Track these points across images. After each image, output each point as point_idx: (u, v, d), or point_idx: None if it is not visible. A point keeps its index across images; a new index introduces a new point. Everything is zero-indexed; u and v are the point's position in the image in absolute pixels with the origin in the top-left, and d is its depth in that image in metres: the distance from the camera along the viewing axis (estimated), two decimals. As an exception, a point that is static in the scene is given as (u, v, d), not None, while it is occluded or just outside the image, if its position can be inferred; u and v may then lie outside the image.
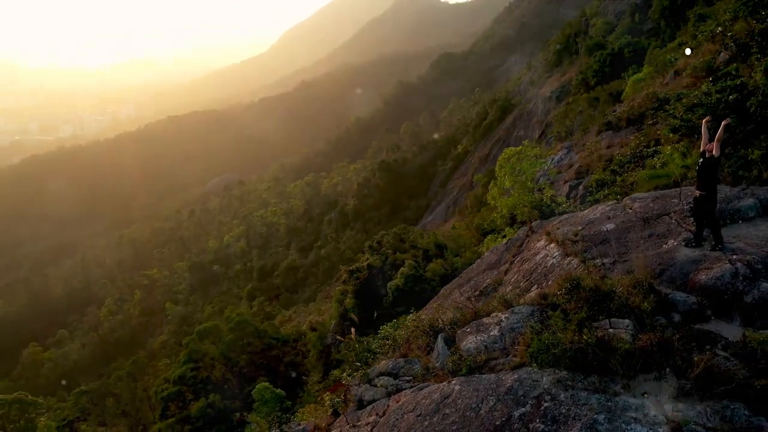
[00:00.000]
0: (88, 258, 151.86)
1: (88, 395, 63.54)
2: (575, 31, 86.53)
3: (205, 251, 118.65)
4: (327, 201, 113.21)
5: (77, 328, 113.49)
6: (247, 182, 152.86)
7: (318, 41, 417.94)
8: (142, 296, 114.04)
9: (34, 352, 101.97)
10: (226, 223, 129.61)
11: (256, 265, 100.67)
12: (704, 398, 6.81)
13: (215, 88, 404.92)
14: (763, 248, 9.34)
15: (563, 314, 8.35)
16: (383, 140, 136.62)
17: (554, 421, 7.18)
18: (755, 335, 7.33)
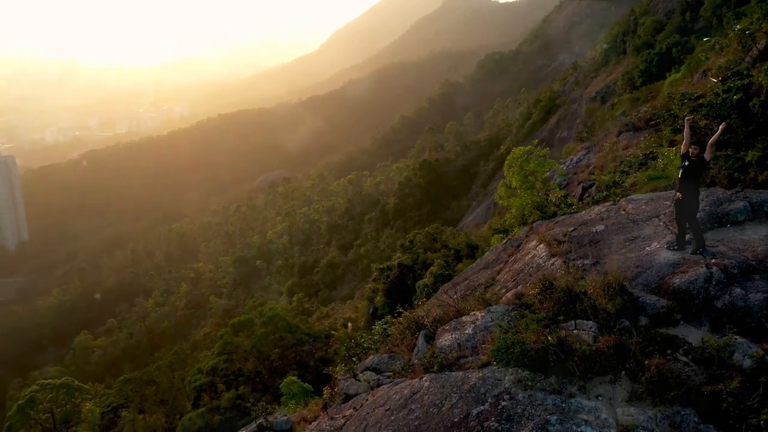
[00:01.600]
0: (138, 250, 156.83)
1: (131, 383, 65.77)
2: (623, 30, 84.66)
3: (249, 246, 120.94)
4: (369, 199, 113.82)
5: (126, 317, 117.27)
6: (292, 179, 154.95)
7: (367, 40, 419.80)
8: (188, 289, 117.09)
9: (85, 339, 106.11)
10: (270, 220, 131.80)
11: (297, 262, 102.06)
12: (657, 403, 6.70)
13: (265, 87, 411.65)
14: (744, 253, 9.07)
15: (534, 314, 8.32)
16: (426, 139, 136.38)
17: (509, 420, 7.20)
18: (713, 340, 7.16)
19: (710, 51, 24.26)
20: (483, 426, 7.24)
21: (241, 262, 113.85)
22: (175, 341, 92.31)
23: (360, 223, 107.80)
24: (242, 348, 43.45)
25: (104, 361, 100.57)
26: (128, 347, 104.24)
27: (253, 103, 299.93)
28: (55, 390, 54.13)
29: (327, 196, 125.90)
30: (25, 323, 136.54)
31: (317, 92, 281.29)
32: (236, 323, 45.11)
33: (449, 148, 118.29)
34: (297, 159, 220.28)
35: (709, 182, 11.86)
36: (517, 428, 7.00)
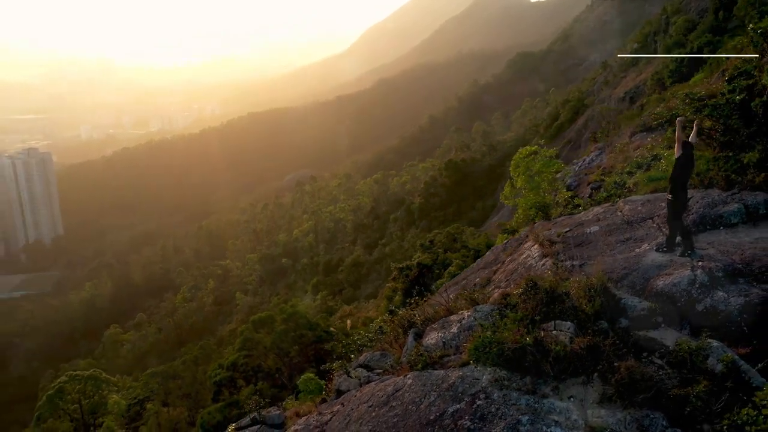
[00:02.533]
0: (168, 247, 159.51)
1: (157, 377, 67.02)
2: (654, 30, 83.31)
3: (275, 244, 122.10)
4: (394, 199, 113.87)
5: (155, 312, 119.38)
6: (319, 178, 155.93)
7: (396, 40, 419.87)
8: (215, 285, 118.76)
9: (114, 333, 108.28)
10: (296, 218, 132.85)
11: (322, 260, 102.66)
12: (627, 406, 6.67)
13: (295, 86, 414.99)
14: (732, 256, 8.94)
15: (515, 314, 8.32)
16: (453, 139, 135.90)
17: (482, 419, 7.23)
18: (685, 344, 7.09)
19: (732, 50, 23.79)
20: (456, 425, 7.29)
21: (267, 260, 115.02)
22: (202, 336, 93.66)
23: (385, 222, 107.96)
24: (262, 344, 43.94)
25: (133, 355, 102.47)
26: (156, 342, 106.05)
27: (283, 102, 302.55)
28: (83, 381, 55.31)
29: (353, 196, 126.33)
30: (59, 316, 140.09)
31: (346, 92, 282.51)
32: (257, 320, 45.65)
33: (475, 148, 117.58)
34: (325, 158, 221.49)
35: (707, 184, 11.68)
36: (489, 427, 7.03)
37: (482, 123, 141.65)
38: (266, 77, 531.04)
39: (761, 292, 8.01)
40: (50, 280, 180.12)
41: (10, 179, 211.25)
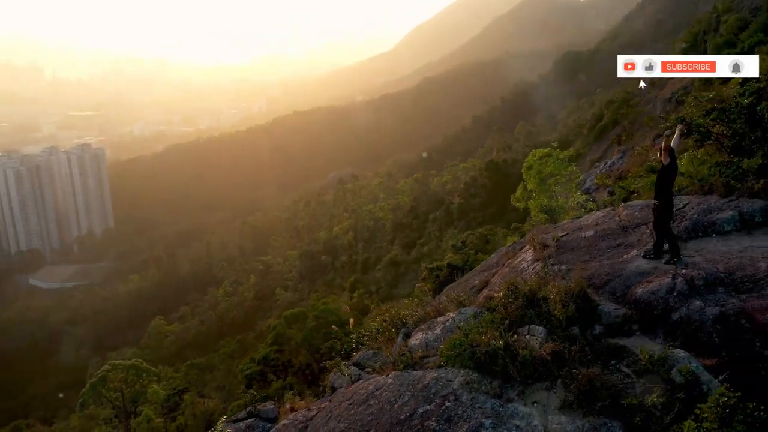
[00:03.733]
0: (212, 242, 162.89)
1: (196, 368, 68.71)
2: (704, 29, 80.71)
3: (315, 241, 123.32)
4: (434, 199, 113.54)
5: (198, 305, 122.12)
6: (360, 177, 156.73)
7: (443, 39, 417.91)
8: (257, 280, 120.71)
9: (159, 324, 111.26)
10: (337, 216, 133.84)
11: (360, 258, 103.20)
12: (587, 413, 6.65)
13: (341, 85, 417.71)
14: (717, 264, 8.74)
15: (493, 317, 8.35)
16: (495, 140, 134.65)
17: (448, 420, 7.32)
18: (647, 353, 6.99)
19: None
20: (423, 425, 7.39)
21: (307, 257, 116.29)
22: (243, 330, 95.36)
23: (424, 222, 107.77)
24: (294, 340, 44.54)
25: (176, 346, 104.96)
26: (199, 334, 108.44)
27: (329, 101, 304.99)
28: (125, 370, 57.12)
29: (393, 194, 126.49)
30: (107, 306, 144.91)
31: (391, 90, 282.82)
32: (289, 315, 46.33)
33: (518, 149, 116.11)
34: (369, 156, 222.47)
35: (707, 190, 11.38)
36: (454, 429, 7.12)
37: (526, 123, 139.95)
38: (313, 76, 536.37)
39: (738, 303, 7.83)
40: (100, 271, 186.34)
41: (65, 174, 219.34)
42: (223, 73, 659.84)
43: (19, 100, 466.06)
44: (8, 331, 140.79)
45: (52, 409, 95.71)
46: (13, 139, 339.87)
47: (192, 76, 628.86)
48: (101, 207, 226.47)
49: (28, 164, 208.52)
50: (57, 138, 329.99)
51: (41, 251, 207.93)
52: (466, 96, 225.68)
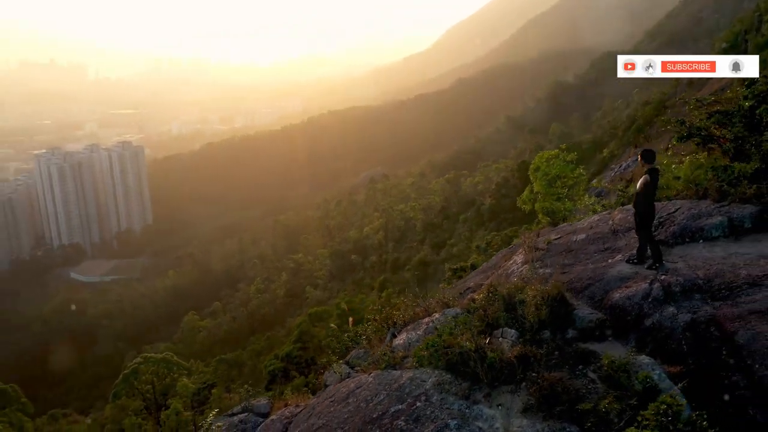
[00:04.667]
0: (246, 239, 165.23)
1: (225, 363, 69.86)
2: (745, 28, 78.63)
3: (346, 241, 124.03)
4: (466, 199, 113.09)
5: (230, 302, 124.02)
6: (392, 176, 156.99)
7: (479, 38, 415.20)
8: (288, 278, 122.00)
9: (192, 319, 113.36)
10: (368, 215, 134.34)
11: (390, 258, 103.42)
12: (547, 417, 6.69)
13: (376, 85, 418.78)
14: (698, 271, 8.65)
15: (470, 319, 8.43)
16: (528, 140, 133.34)
17: (416, 420, 7.44)
18: (610, 359, 6.99)
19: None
20: (393, 424, 7.53)
21: (337, 256, 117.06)
22: (273, 327, 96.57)
23: (455, 222, 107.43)
24: (317, 338, 44.96)
25: (209, 341, 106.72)
26: (230, 330, 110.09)
27: (364, 101, 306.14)
28: (157, 364, 58.43)
29: (425, 195, 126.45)
30: (144, 301, 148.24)
31: (426, 91, 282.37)
32: (314, 313, 46.78)
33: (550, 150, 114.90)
34: (402, 156, 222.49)
35: (702, 194, 11.22)
36: (419, 429, 7.23)
37: (560, 124, 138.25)
38: (349, 76, 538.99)
39: (711, 310, 7.76)
40: (138, 267, 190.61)
41: (106, 170, 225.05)
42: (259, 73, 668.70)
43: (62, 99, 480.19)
44: (49, 323, 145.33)
45: (89, 400, 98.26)
46: (56, 136, 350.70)
47: (229, 75, 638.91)
48: (140, 204, 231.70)
49: (70, 161, 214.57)
50: (98, 136, 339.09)
51: (82, 246, 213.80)
52: (500, 97, 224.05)
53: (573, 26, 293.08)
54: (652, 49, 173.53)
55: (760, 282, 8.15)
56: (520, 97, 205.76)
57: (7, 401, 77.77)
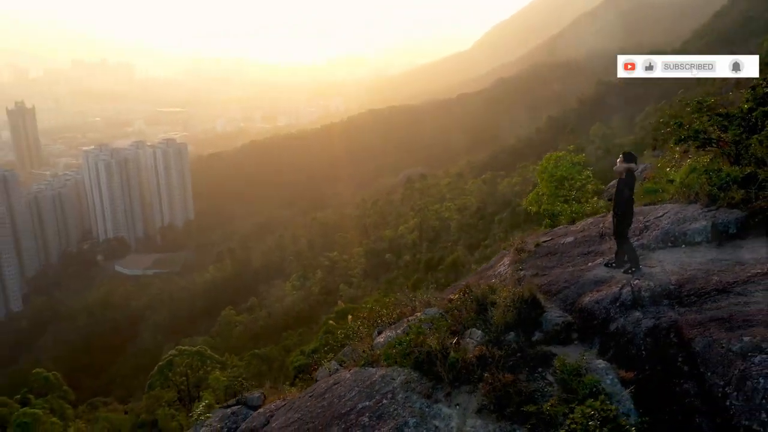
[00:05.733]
0: (284, 236, 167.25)
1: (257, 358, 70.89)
2: (795, 27, 75.89)
3: (381, 239, 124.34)
4: (502, 200, 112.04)
5: (266, 297, 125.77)
6: (429, 176, 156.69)
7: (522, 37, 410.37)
8: (323, 276, 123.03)
9: (229, 314, 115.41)
10: (403, 215, 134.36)
11: (423, 258, 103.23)
12: (500, 418, 6.73)
13: (417, 84, 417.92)
14: (672, 276, 8.52)
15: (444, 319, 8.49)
16: (568, 141, 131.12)
17: (379, 417, 7.56)
18: (562, 362, 6.96)
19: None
20: (357, 420, 7.67)
21: (372, 254, 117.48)
22: (307, 324, 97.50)
23: (490, 223, 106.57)
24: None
25: (245, 336, 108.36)
26: (266, 325, 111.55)
27: (404, 100, 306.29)
28: (191, 356, 59.76)
29: (460, 195, 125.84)
30: (184, 295, 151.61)
31: (466, 90, 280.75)
32: (340, 311, 47.14)
33: (591, 152, 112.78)
34: (441, 156, 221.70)
35: (692, 199, 10.96)
36: (380, 426, 7.35)
37: (602, 125, 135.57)
38: (389, 75, 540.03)
39: (675, 316, 7.64)
40: (180, 261, 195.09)
41: (151, 167, 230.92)
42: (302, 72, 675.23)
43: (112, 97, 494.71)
44: (94, 314, 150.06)
45: (130, 390, 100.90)
46: (105, 133, 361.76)
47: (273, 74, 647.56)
48: (183, 199, 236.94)
49: (117, 157, 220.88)
50: (145, 133, 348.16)
51: (126, 239, 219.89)
52: (541, 97, 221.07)
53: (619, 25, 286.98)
54: (698, 48, 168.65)
55: (729, 289, 7.97)
56: (562, 97, 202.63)
57: (49, 388, 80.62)
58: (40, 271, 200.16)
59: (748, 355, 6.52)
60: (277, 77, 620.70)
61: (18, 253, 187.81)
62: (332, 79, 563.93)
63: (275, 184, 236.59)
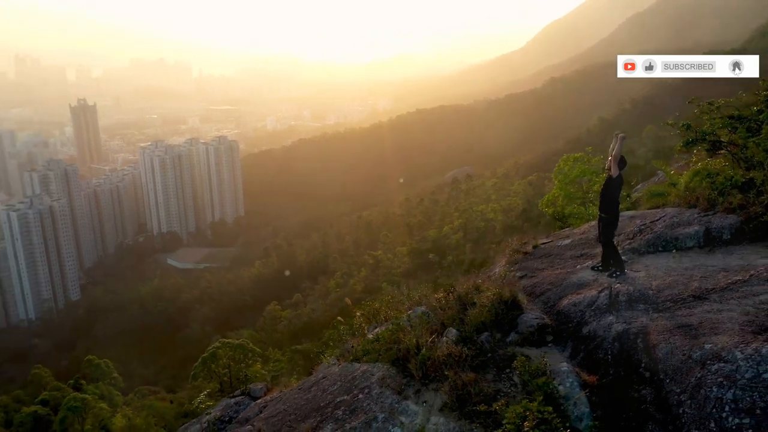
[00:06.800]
0: (330, 234, 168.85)
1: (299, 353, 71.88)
2: None
3: (424, 239, 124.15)
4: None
5: (310, 294, 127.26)
6: (476, 177, 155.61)
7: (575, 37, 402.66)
8: (366, 274, 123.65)
9: (273, 309, 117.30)
10: (448, 215, 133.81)
11: (466, 258, 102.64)
12: (460, 416, 6.79)
13: (466, 84, 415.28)
14: (654, 281, 8.38)
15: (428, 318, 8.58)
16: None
17: (352, 411, 7.74)
18: (522, 363, 6.95)
19: None
20: (332, 413, 7.86)
21: (415, 254, 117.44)
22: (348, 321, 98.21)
23: (536, 225, 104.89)
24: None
25: (288, 331, 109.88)
26: (309, 321, 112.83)
27: (453, 100, 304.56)
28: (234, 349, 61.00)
29: (506, 196, 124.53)
30: (231, 289, 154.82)
31: (518, 90, 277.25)
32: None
33: (641, 154, 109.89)
34: (489, 156, 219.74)
35: (692, 203, 10.64)
36: (351, 419, 7.53)
37: (654, 127, 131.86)
38: (440, 75, 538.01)
39: (646, 321, 7.53)
40: (229, 256, 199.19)
41: (203, 164, 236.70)
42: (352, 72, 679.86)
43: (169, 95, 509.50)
44: (146, 306, 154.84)
45: (177, 379, 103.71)
46: (162, 130, 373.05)
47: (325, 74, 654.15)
48: (233, 196, 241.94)
49: (171, 153, 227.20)
50: (199, 130, 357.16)
51: (179, 234, 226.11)
52: (593, 97, 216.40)
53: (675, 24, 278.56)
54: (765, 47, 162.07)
55: (706, 296, 7.78)
56: (615, 97, 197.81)
57: (100, 375, 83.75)
58: (97, 262, 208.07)
59: (706, 363, 6.39)
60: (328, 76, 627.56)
61: (77, 245, 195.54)
62: (383, 78, 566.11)
63: (323, 182, 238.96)
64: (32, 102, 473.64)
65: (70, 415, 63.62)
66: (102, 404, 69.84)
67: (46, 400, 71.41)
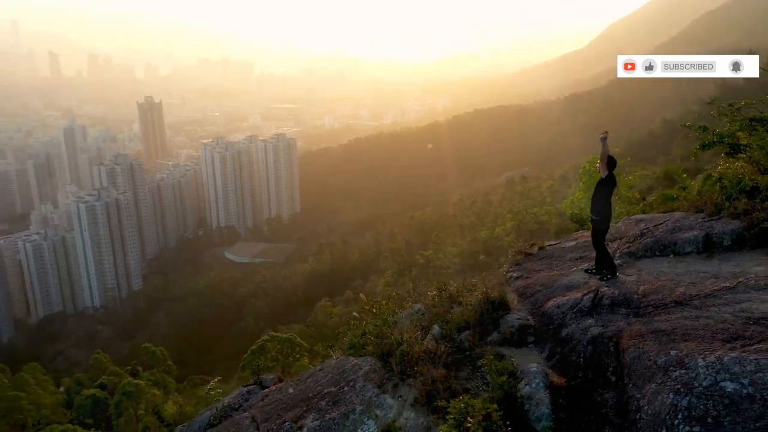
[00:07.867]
0: (383, 233, 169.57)
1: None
2: None
3: (476, 240, 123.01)
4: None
5: (360, 291, 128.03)
6: (532, 178, 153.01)
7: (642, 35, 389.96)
8: (416, 273, 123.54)
9: (325, 306, 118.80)
10: (501, 216, 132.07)
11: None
12: (430, 411, 6.88)
13: (527, 83, 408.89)
14: (642, 285, 8.23)
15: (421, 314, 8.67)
16: (680, 145, 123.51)
17: (335, 403, 7.95)
18: (488, 362, 6.94)
19: None
20: (316, 404, 8.10)
21: (466, 255, 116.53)
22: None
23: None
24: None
25: (338, 328, 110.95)
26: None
27: (513, 100, 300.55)
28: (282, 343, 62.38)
29: (562, 198, 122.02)
30: (285, 284, 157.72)
31: (579, 90, 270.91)
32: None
33: (706, 158, 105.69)
34: (548, 157, 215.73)
35: (699, 207, 10.27)
36: (332, 410, 7.74)
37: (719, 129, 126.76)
38: (500, 74, 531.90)
39: (623, 326, 7.41)
40: (284, 251, 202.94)
41: (262, 161, 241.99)
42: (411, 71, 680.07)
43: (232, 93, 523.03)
44: (203, 298, 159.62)
45: (230, 370, 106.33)
46: (223, 127, 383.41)
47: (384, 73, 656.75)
48: (290, 193, 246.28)
49: (231, 150, 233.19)
50: (260, 128, 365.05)
51: (236, 229, 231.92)
52: (659, 98, 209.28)
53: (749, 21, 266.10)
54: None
55: (688, 302, 7.55)
56: (681, 98, 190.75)
57: (155, 362, 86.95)
58: (158, 253, 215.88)
59: (669, 369, 6.23)
60: (387, 76, 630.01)
61: (140, 236, 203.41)
62: (441, 78, 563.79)
63: (379, 180, 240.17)
64: (104, 99, 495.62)
65: (124, 399, 66.61)
66: (155, 390, 72.70)
67: (104, 384, 74.94)
